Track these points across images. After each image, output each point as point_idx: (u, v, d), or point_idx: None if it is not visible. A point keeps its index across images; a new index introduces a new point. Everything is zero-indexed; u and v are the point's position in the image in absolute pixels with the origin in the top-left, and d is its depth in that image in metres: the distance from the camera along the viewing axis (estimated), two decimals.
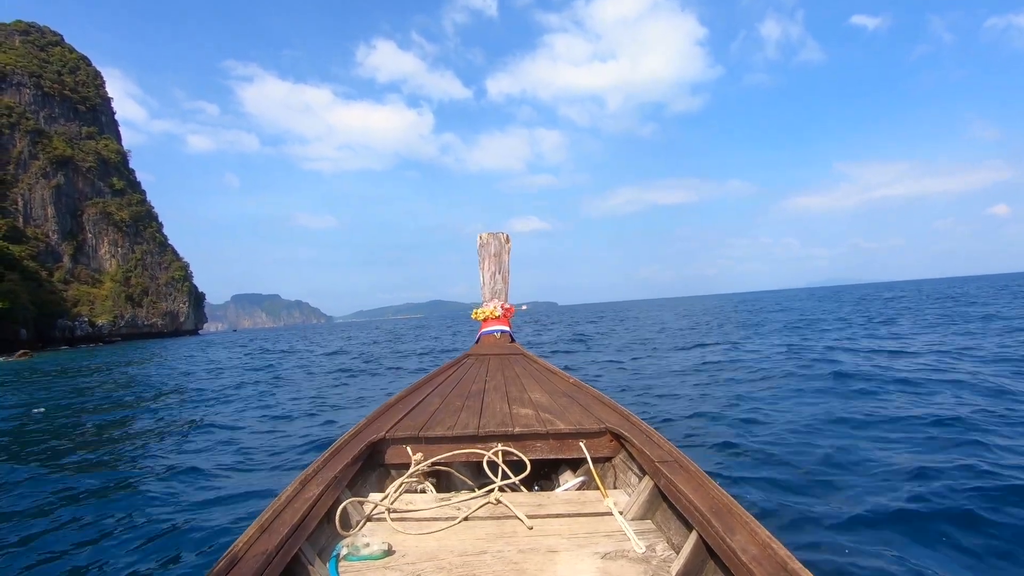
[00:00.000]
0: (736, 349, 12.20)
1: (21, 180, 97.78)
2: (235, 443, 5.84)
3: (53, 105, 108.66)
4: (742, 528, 1.21)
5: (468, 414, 2.37)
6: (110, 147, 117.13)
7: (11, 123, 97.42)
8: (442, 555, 1.42)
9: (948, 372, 7.14)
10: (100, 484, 4.55)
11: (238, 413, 8.02)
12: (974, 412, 4.93)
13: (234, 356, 24.50)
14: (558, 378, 3.39)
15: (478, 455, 2.04)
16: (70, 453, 5.94)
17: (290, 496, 1.49)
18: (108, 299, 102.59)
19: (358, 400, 8.53)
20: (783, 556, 1.07)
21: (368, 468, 2.03)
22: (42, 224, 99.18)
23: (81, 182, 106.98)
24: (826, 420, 5.05)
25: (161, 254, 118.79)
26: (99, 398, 11.39)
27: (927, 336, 11.92)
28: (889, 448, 4.11)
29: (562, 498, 1.84)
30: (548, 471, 2.39)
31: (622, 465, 2.03)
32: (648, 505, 1.66)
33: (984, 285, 58.18)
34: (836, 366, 8.13)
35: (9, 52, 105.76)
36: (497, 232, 5.10)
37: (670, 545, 1.45)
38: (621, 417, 2.24)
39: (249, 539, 1.24)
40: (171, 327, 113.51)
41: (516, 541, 1.49)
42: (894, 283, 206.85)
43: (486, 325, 4.90)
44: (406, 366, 13.83)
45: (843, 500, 3.20)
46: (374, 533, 1.57)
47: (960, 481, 3.28)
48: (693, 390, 7.21)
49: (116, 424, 7.86)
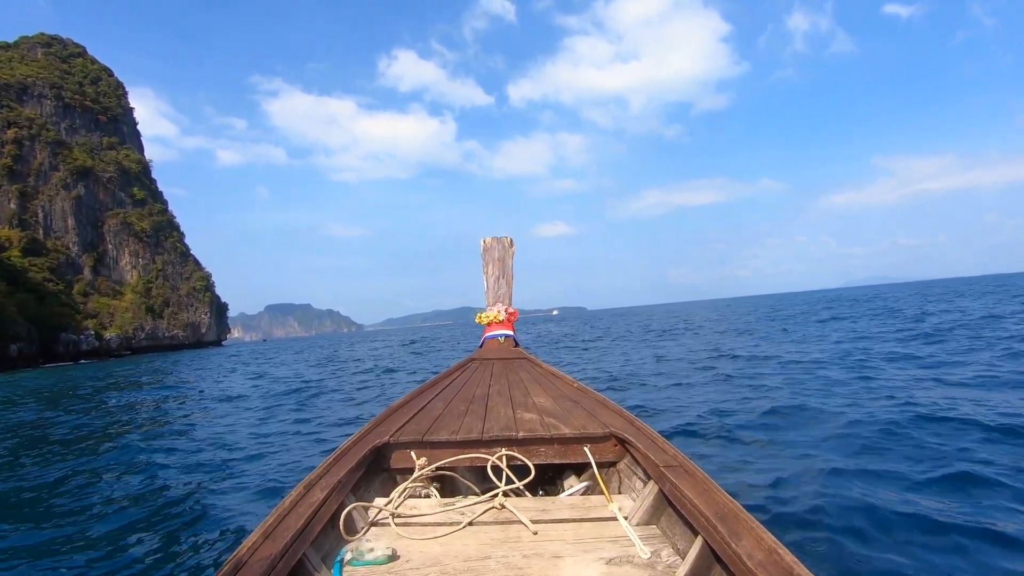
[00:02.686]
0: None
1: (41, 192, 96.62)
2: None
3: (74, 116, 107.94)
4: (748, 533, 1.20)
5: (472, 418, 2.34)
6: (131, 157, 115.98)
7: (32, 135, 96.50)
8: (446, 560, 1.41)
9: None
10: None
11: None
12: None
13: (266, 387, 13.80)
14: (562, 382, 3.32)
15: (482, 460, 2.00)
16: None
17: (294, 501, 1.48)
18: (128, 311, 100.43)
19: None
20: (789, 561, 1.07)
21: (372, 473, 2.01)
22: (63, 236, 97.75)
23: (102, 192, 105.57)
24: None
25: (183, 264, 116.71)
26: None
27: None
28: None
29: (567, 503, 1.83)
30: (552, 476, 2.37)
31: (627, 470, 2.02)
32: (653, 510, 1.64)
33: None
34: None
35: (31, 64, 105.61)
36: (501, 236, 4.93)
37: (675, 551, 1.44)
38: (626, 421, 2.22)
39: (253, 544, 1.23)
40: (193, 338, 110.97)
41: (520, 546, 1.48)
42: (942, 281, 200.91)
43: (490, 329, 4.71)
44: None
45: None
46: (378, 538, 1.54)
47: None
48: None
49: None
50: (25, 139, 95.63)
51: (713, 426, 5.36)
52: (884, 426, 4.72)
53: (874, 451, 4.20)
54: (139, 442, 7.09)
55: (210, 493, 4.52)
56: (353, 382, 13.09)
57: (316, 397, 10.65)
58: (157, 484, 4.97)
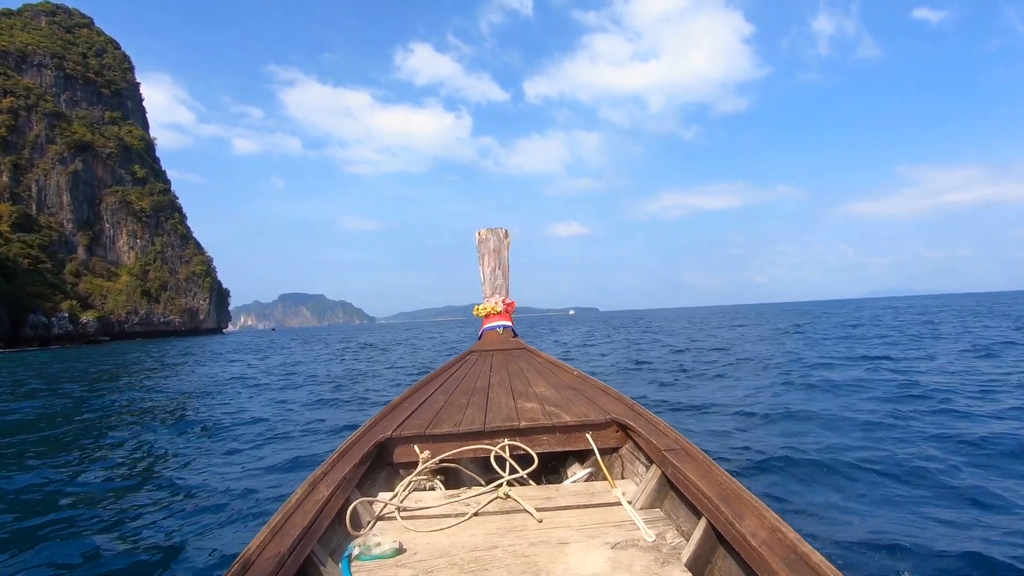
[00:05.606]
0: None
1: (36, 165, 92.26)
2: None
3: (76, 88, 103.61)
4: (751, 513, 1.22)
5: (474, 410, 2.35)
6: (134, 133, 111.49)
7: (29, 105, 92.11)
8: (453, 551, 1.42)
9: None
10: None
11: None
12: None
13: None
14: (563, 371, 3.33)
15: (485, 450, 2.03)
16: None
17: (300, 498, 1.49)
18: (122, 293, 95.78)
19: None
20: (792, 539, 1.09)
21: (376, 468, 2.02)
22: (57, 212, 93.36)
23: (101, 169, 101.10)
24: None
25: (183, 247, 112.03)
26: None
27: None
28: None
29: (570, 490, 1.84)
30: (555, 464, 2.37)
31: (629, 455, 2.03)
32: (656, 494, 1.66)
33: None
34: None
35: (33, 32, 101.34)
36: (496, 228, 4.90)
37: (680, 532, 1.46)
38: (627, 407, 2.24)
39: (261, 543, 1.24)
40: (190, 325, 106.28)
41: (526, 534, 1.50)
42: (974, 295, 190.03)
43: (488, 321, 4.75)
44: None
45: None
46: (385, 532, 1.56)
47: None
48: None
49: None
50: (21, 109, 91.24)
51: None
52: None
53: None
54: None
55: None
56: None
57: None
58: None
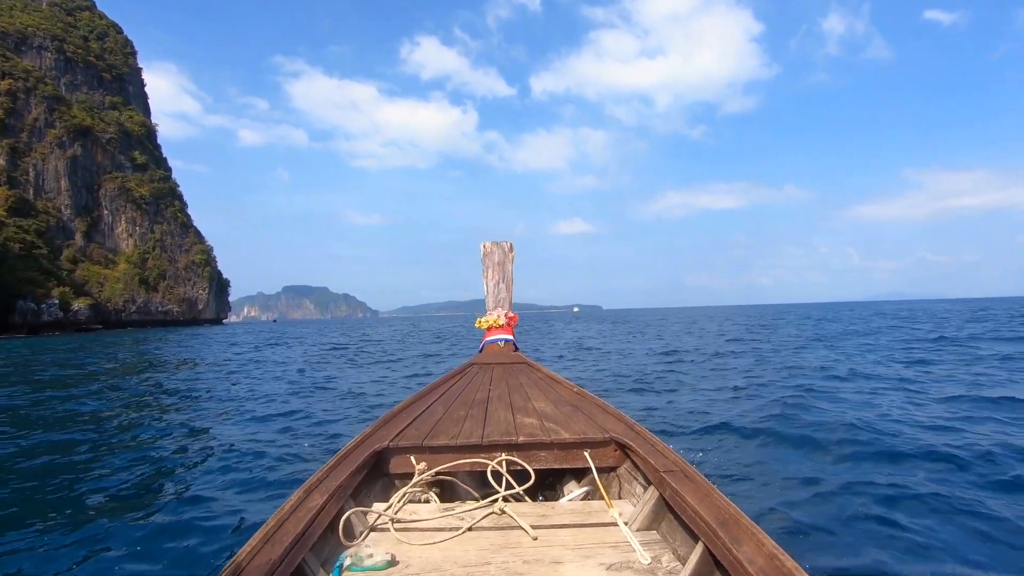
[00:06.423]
0: None
1: (34, 149, 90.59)
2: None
3: (76, 71, 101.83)
4: (749, 539, 1.20)
5: (472, 423, 2.32)
6: (135, 119, 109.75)
7: (27, 87, 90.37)
8: (446, 566, 1.41)
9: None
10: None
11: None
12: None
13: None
14: (562, 387, 3.27)
15: (482, 464, 2.00)
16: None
17: (294, 505, 1.47)
18: (120, 281, 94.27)
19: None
20: (790, 567, 1.07)
21: (372, 477, 1.99)
22: (54, 197, 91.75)
23: (100, 154, 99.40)
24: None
25: (183, 235, 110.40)
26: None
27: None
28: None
29: (567, 508, 1.81)
30: (552, 481, 2.34)
31: (627, 475, 2.00)
32: (653, 515, 1.63)
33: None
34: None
35: (34, 14, 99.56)
36: (501, 241, 4.88)
37: (676, 556, 1.43)
38: (626, 427, 2.21)
39: (252, 549, 1.22)
40: (188, 315, 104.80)
41: (520, 551, 1.47)
42: (981, 300, 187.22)
43: (490, 334, 4.72)
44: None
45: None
46: (378, 543, 1.55)
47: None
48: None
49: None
50: (20, 92, 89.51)
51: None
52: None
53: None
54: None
55: None
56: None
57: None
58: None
